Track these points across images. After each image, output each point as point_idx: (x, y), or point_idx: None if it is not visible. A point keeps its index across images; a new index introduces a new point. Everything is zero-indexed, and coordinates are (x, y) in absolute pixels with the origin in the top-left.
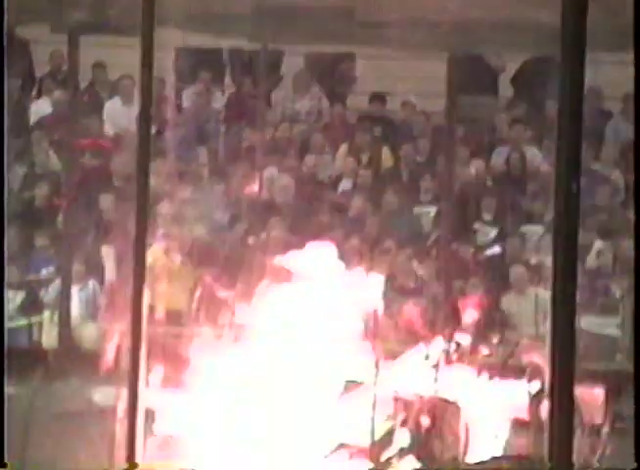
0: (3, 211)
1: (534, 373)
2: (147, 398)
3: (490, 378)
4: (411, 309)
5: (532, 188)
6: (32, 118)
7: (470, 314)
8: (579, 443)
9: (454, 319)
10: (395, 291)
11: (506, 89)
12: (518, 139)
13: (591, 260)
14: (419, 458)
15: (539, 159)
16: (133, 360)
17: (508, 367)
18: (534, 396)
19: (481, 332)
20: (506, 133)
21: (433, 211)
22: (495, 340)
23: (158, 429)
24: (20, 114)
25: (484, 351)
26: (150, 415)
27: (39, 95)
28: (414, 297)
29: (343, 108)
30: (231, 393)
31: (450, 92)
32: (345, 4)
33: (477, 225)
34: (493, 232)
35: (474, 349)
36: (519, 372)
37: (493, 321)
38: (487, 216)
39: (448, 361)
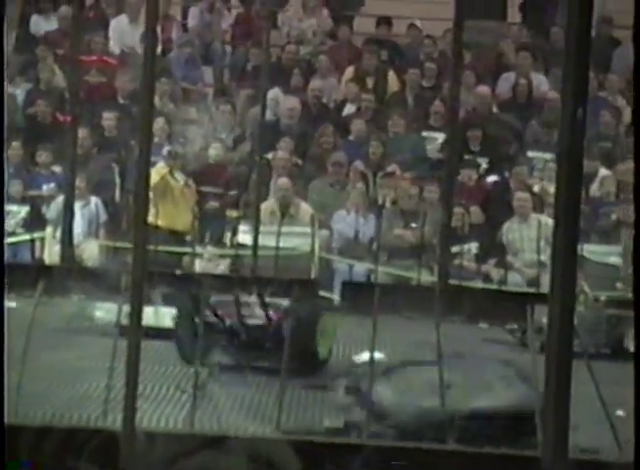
0: (3, 209)
1: None
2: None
3: None
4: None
5: (538, 115)
6: (37, 34)
7: None
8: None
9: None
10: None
11: (514, 15)
12: (524, 66)
13: (595, 188)
14: None
15: (546, 85)
16: (136, 278)
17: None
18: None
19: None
20: (513, 59)
21: (440, 137)
22: (493, 263)
23: None
24: (24, 29)
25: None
26: None
27: (45, 10)
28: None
29: (350, 30)
30: None
31: (457, 16)
32: None
33: (476, 152)
34: (492, 159)
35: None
36: None
37: (494, 246)
38: (489, 143)
39: None
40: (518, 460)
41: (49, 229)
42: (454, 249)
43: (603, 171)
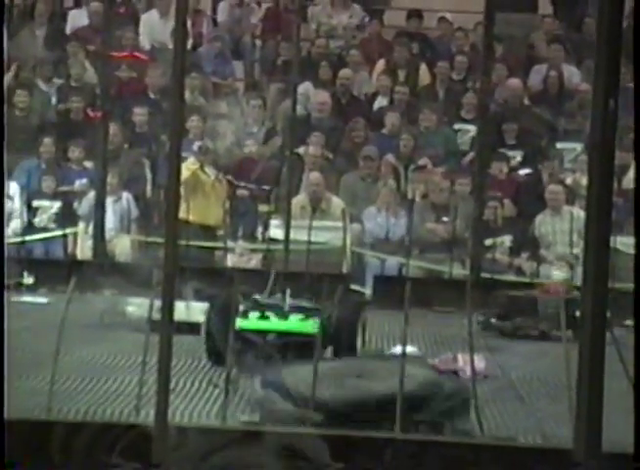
0: (3, 207)
1: None
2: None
3: None
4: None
5: (570, 107)
6: (69, 29)
7: None
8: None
9: None
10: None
11: (544, 6)
12: (556, 57)
13: (628, 181)
14: None
15: (577, 77)
16: (167, 273)
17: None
18: None
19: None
20: (544, 51)
21: (472, 129)
22: (525, 256)
23: None
24: (56, 24)
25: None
26: None
27: (76, 5)
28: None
29: (381, 24)
30: None
31: (488, 9)
32: None
33: (509, 144)
34: (524, 152)
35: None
36: None
37: (526, 239)
38: (520, 136)
39: None
40: (549, 453)
41: (81, 225)
42: (487, 242)
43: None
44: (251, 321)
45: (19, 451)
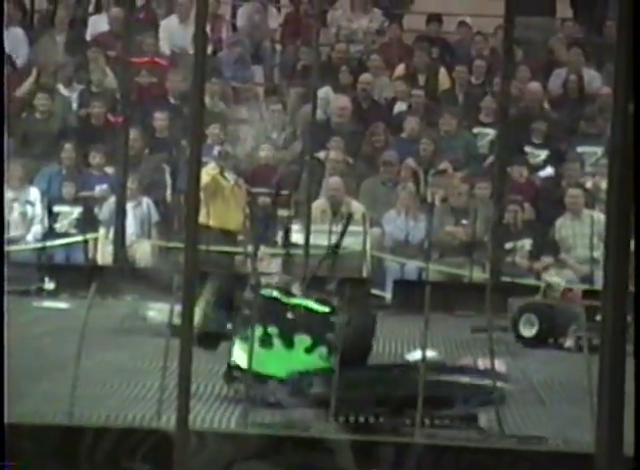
0: (2, 207)
1: None
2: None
3: None
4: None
5: (590, 110)
6: (89, 35)
7: None
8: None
9: None
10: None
11: (564, 10)
12: (576, 61)
13: None
14: None
15: (598, 81)
16: (187, 278)
17: None
18: None
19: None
20: (564, 55)
21: (491, 133)
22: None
23: None
24: (77, 30)
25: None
26: None
27: (97, 11)
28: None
29: (400, 28)
30: None
31: (508, 13)
32: None
33: (528, 148)
34: (544, 154)
35: None
36: None
37: (547, 243)
38: (540, 139)
39: None
40: (571, 457)
41: (102, 230)
42: (507, 245)
43: None
44: None
45: (40, 457)
